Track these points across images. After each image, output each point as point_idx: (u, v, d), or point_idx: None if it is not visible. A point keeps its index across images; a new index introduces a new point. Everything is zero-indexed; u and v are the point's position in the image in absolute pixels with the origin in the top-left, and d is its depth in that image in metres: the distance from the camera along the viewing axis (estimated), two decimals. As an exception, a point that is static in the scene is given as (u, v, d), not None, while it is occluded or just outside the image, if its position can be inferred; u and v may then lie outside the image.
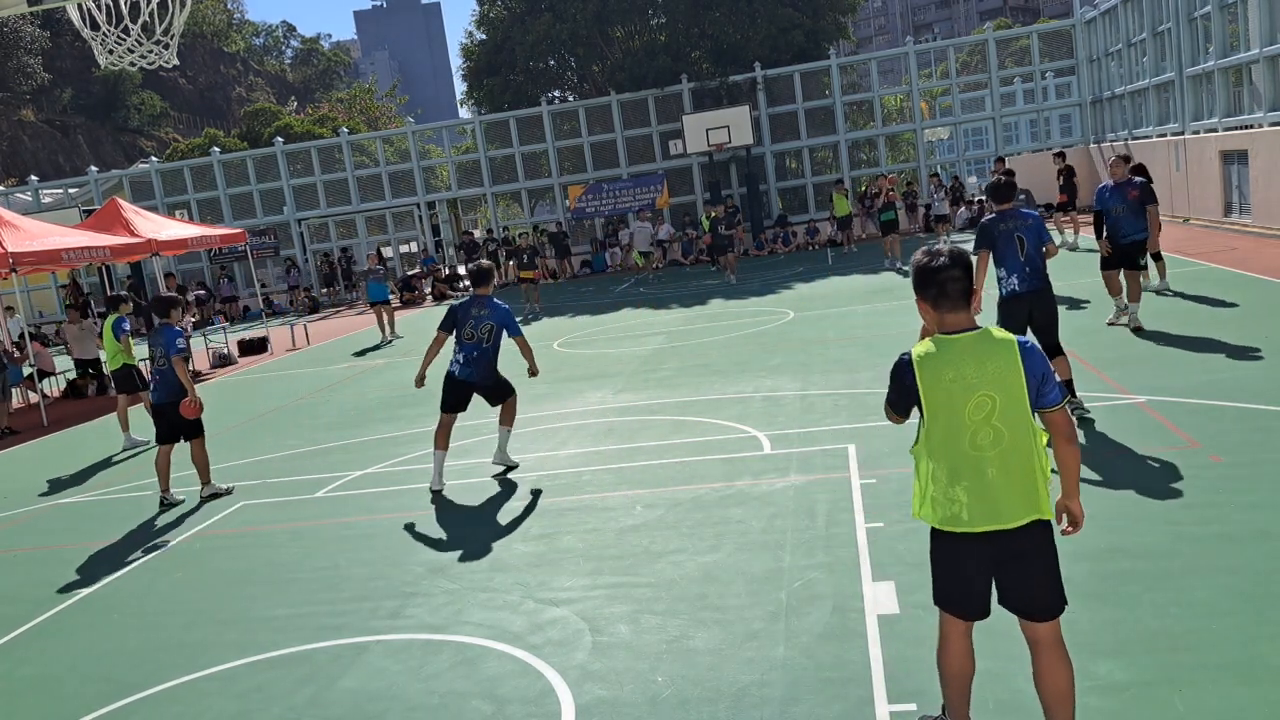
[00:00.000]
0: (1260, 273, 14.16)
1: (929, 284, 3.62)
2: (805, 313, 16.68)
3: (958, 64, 36.72)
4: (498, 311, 8.60)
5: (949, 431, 3.56)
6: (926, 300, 3.65)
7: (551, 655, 5.25)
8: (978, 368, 3.52)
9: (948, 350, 3.57)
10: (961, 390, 3.52)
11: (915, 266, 3.69)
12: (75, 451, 13.07)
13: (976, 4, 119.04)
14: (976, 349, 3.56)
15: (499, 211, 35.39)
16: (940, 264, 3.60)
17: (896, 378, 3.72)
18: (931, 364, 3.57)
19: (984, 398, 3.51)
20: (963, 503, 3.55)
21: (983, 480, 3.52)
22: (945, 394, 3.54)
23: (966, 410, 3.52)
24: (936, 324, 3.66)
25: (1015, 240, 8.14)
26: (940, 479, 3.60)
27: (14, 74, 64.95)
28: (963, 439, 3.53)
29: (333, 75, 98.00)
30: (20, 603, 7.18)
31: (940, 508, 3.62)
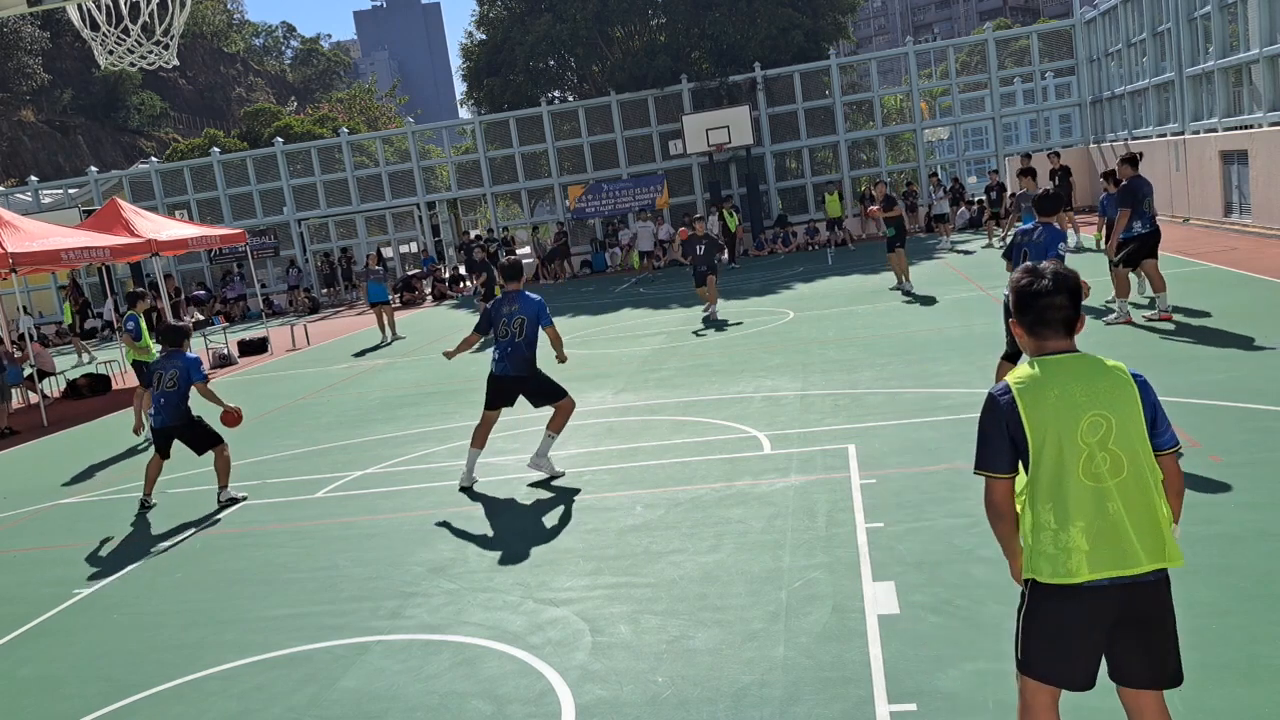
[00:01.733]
0: (1260, 273, 14.17)
1: (1026, 309, 3.21)
2: (805, 313, 16.68)
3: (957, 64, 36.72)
4: (528, 304, 8.53)
5: (1059, 462, 3.06)
6: (1022, 326, 3.25)
7: (551, 655, 5.25)
8: (1087, 386, 3.10)
9: (1051, 370, 3.15)
10: (1070, 410, 3.07)
11: (1014, 288, 3.28)
12: (75, 451, 13.07)
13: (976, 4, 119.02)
14: (1082, 367, 3.15)
15: (499, 212, 35.38)
16: (1041, 288, 3.18)
17: (991, 420, 3.18)
18: (1033, 387, 3.12)
19: (1097, 418, 3.07)
20: (1082, 550, 3.03)
21: (1103, 516, 3.03)
22: (1053, 415, 3.07)
23: (1079, 433, 3.06)
24: (1033, 348, 3.25)
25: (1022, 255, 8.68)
26: (1049, 524, 3.08)
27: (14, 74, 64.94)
28: (1076, 468, 3.05)
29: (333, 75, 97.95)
30: (20, 603, 7.18)
31: (1050, 561, 3.08)
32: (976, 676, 4.48)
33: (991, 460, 3.19)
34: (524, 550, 6.94)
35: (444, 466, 9.55)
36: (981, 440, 3.22)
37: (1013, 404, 3.11)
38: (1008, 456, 3.17)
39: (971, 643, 4.78)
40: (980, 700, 4.29)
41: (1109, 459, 3.05)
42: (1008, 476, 3.19)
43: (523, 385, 8.65)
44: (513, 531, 7.39)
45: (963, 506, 6.60)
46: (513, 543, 7.13)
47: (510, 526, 7.51)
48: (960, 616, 5.07)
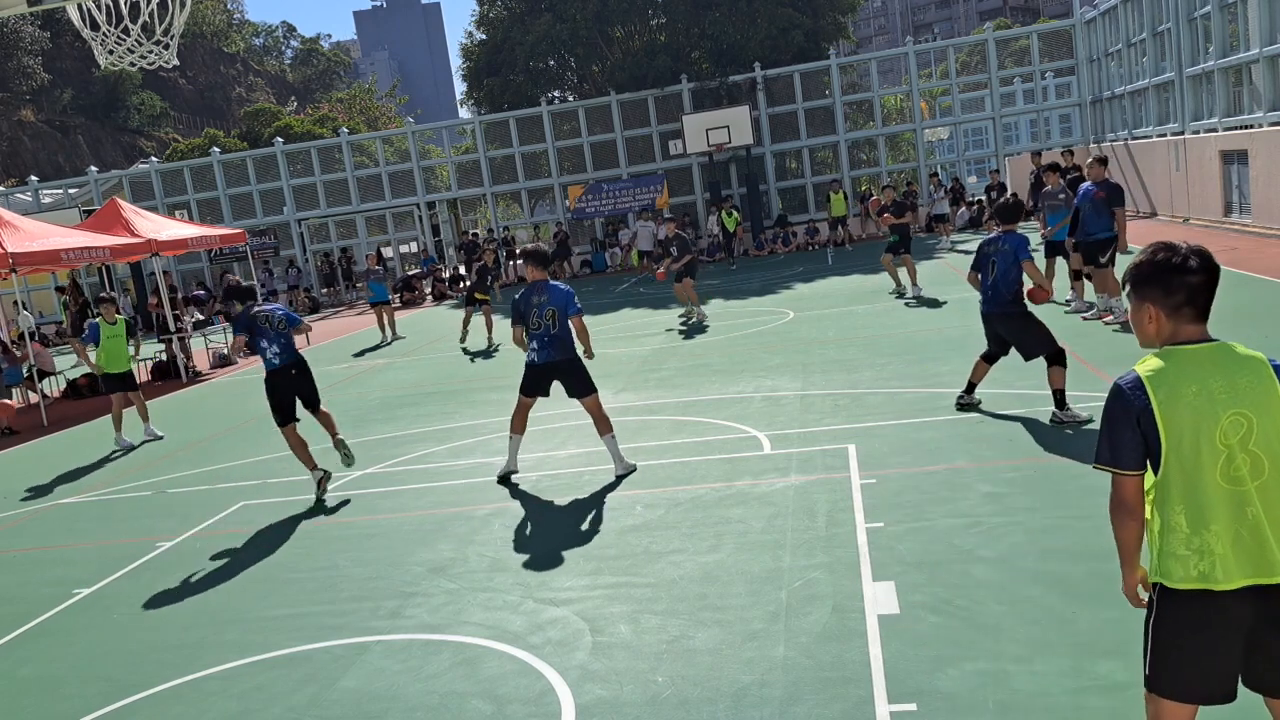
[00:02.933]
0: (1260, 273, 14.16)
1: (1171, 288, 2.93)
2: (805, 313, 16.68)
3: (957, 64, 36.73)
4: (556, 294, 8.44)
5: (1194, 463, 2.86)
6: (1164, 307, 2.95)
7: (551, 655, 5.25)
8: (1227, 382, 2.87)
9: (1186, 362, 2.91)
10: (1209, 408, 2.85)
11: (1149, 264, 2.99)
12: (75, 451, 13.07)
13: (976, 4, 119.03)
14: (1222, 361, 2.91)
15: (499, 211, 35.39)
16: (1188, 264, 2.92)
17: (1119, 411, 2.94)
18: (1168, 379, 2.88)
19: (1237, 417, 2.85)
20: (1215, 554, 2.84)
21: (1242, 520, 2.84)
22: (1190, 413, 2.85)
23: (1217, 433, 2.85)
24: (1165, 336, 2.99)
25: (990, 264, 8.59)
26: (1181, 527, 2.88)
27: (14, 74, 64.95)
28: (1213, 470, 2.85)
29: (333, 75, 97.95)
30: (20, 603, 7.18)
31: (1182, 564, 2.88)
32: (976, 676, 4.48)
33: (1122, 456, 2.95)
34: (524, 550, 6.94)
35: (444, 466, 9.56)
36: (1109, 433, 2.96)
37: (1146, 400, 2.88)
38: (1138, 453, 2.94)
39: (971, 643, 4.78)
40: (980, 700, 4.29)
41: (1249, 460, 2.85)
42: (1137, 474, 2.96)
43: (560, 371, 8.55)
44: (513, 531, 7.39)
45: (963, 506, 6.60)
46: (513, 543, 7.13)
47: (510, 526, 7.51)
48: (960, 616, 5.06)
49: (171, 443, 12.64)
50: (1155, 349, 3.01)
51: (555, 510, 7.76)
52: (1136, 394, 2.91)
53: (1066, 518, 6.17)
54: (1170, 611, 2.93)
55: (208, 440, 12.44)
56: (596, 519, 7.40)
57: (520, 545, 7.06)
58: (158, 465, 11.35)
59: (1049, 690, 4.29)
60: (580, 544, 6.91)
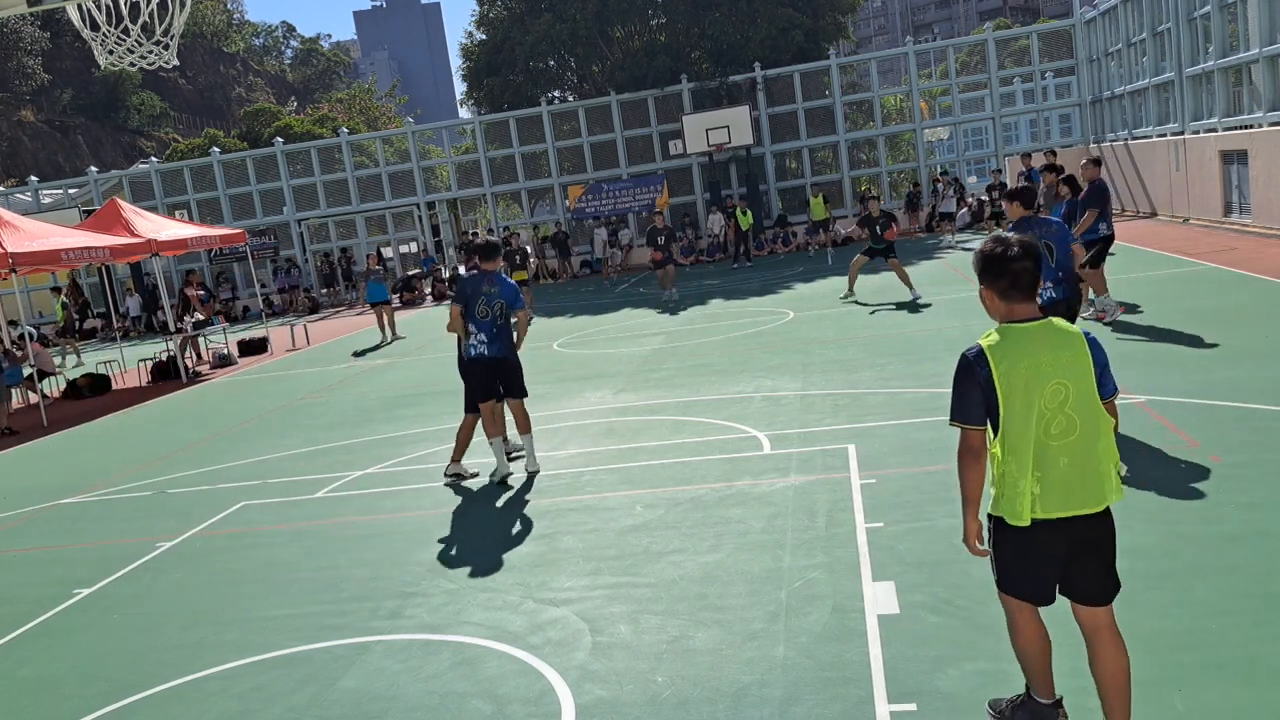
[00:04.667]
0: (1260, 273, 14.16)
1: (1001, 273, 3.60)
2: (805, 313, 16.68)
3: (957, 64, 36.73)
4: (507, 288, 8.52)
5: (1024, 421, 3.52)
6: (995, 290, 3.63)
7: (551, 655, 5.26)
8: (1053, 355, 3.53)
9: (1020, 338, 3.55)
10: (1037, 377, 3.50)
11: (985, 255, 3.64)
12: (75, 451, 13.07)
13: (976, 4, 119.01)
14: (1049, 337, 3.56)
15: (499, 212, 35.38)
16: (1013, 253, 3.58)
17: (966, 376, 3.60)
18: (1005, 352, 3.53)
19: (1059, 385, 3.52)
20: (1036, 495, 3.54)
21: (1056, 469, 3.52)
22: (1023, 381, 3.51)
23: (1042, 399, 3.51)
24: (1003, 314, 3.65)
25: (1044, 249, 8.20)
26: (1012, 473, 3.56)
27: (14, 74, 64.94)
28: (1038, 428, 3.52)
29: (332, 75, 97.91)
30: (20, 603, 7.18)
31: (1012, 503, 3.58)
32: (976, 676, 4.48)
33: (970, 414, 3.60)
34: (524, 550, 6.94)
35: (444, 466, 9.55)
36: (960, 395, 3.61)
37: (989, 369, 3.53)
38: (981, 411, 3.58)
39: (971, 643, 4.78)
40: (980, 700, 4.29)
41: (1064, 421, 3.52)
42: (981, 428, 3.61)
43: (505, 367, 8.62)
44: (513, 531, 7.39)
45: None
46: (513, 543, 7.13)
47: (510, 526, 7.51)
48: (960, 616, 5.07)
49: (171, 443, 12.64)
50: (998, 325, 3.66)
51: (555, 510, 7.76)
52: (980, 364, 3.55)
53: (1066, 518, 6.17)
54: (1007, 537, 3.67)
55: (208, 440, 12.44)
56: (596, 519, 7.40)
57: (520, 545, 7.06)
58: (158, 465, 11.36)
59: (1049, 690, 4.28)
60: (580, 544, 6.91)
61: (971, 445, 3.63)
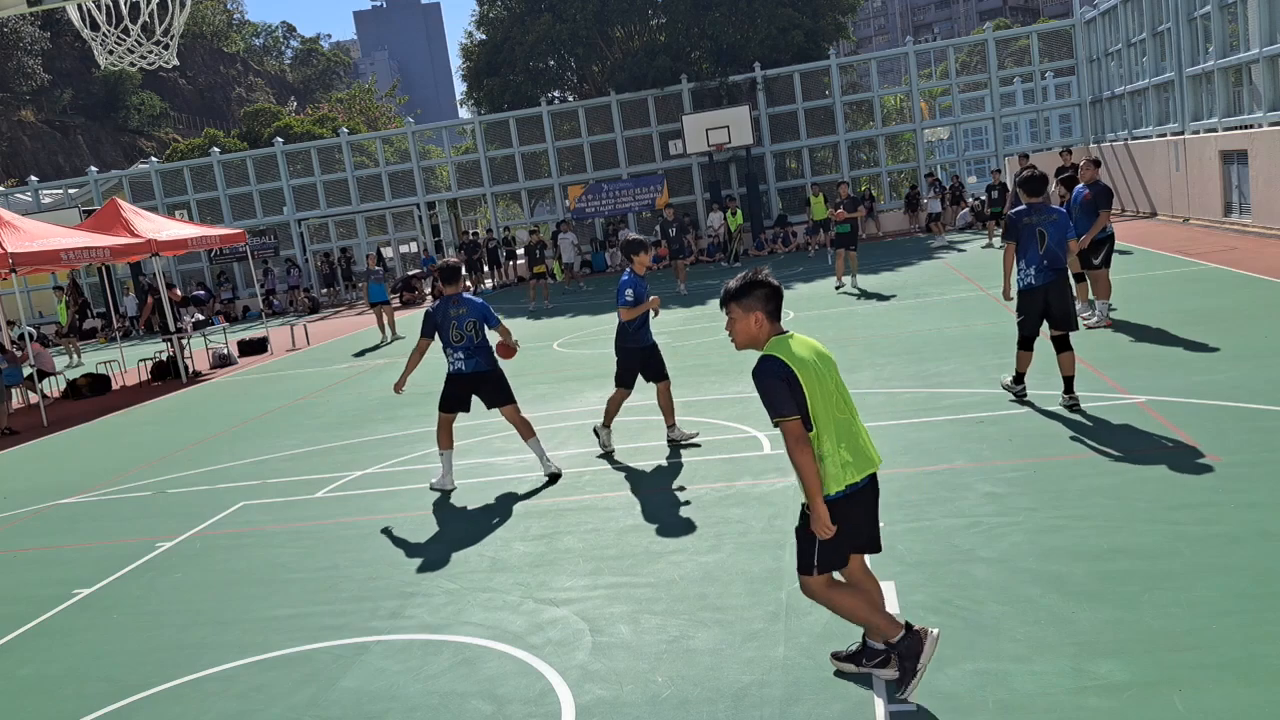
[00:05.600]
0: (1260, 273, 14.16)
1: (770, 296, 4.26)
2: (805, 313, 16.68)
3: (957, 64, 36.74)
4: (474, 307, 8.50)
5: (825, 407, 4.19)
6: (764, 311, 4.26)
7: (551, 655, 5.26)
8: (815, 354, 4.27)
9: (794, 345, 4.23)
10: (819, 370, 4.21)
11: (759, 282, 4.26)
12: (75, 451, 13.07)
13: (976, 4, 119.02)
14: (809, 343, 4.31)
15: (499, 211, 35.38)
16: (773, 280, 4.29)
17: (774, 381, 4.13)
18: (795, 357, 4.16)
19: (829, 373, 4.28)
20: (850, 461, 4.23)
21: (856, 435, 4.29)
22: (815, 376, 4.18)
23: (829, 385, 4.23)
24: (769, 333, 4.27)
25: (1037, 234, 8.53)
26: (832, 451, 4.20)
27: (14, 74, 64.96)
28: (836, 408, 4.23)
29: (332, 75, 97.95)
30: (20, 603, 7.18)
31: (836, 479, 4.20)
32: (976, 676, 4.48)
33: (787, 408, 4.11)
34: (524, 550, 6.94)
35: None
36: (774, 397, 4.12)
37: (791, 371, 4.12)
38: (792, 404, 4.11)
39: (971, 643, 4.78)
40: (980, 700, 4.29)
41: (843, 400, 4.28)
42: (798, 417, 4.13)
43: (485, 381, 8.65)
44: (513, 531, 7.39)
45: (963, 506, 6.60)
46: (513, 543, 7.13)
47: (510, 526, 7.51)
48: (960, 616, 5.07)
49: (171, 443, 12.64)
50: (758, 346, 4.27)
51: (555, 510, 7.76)
52: (783, 368, 4.12)
53: (1066, 518, 6.17)
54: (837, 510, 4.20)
55: (208, 440, 12.44)
56: (596, 519, 7.40)
57: (520, 545, 7.06)
58: (158, 465, 11.36)
59: (1049, 690, 4.29)
60: (580, 544, 6.91)
61: (799, 433, 4.12)
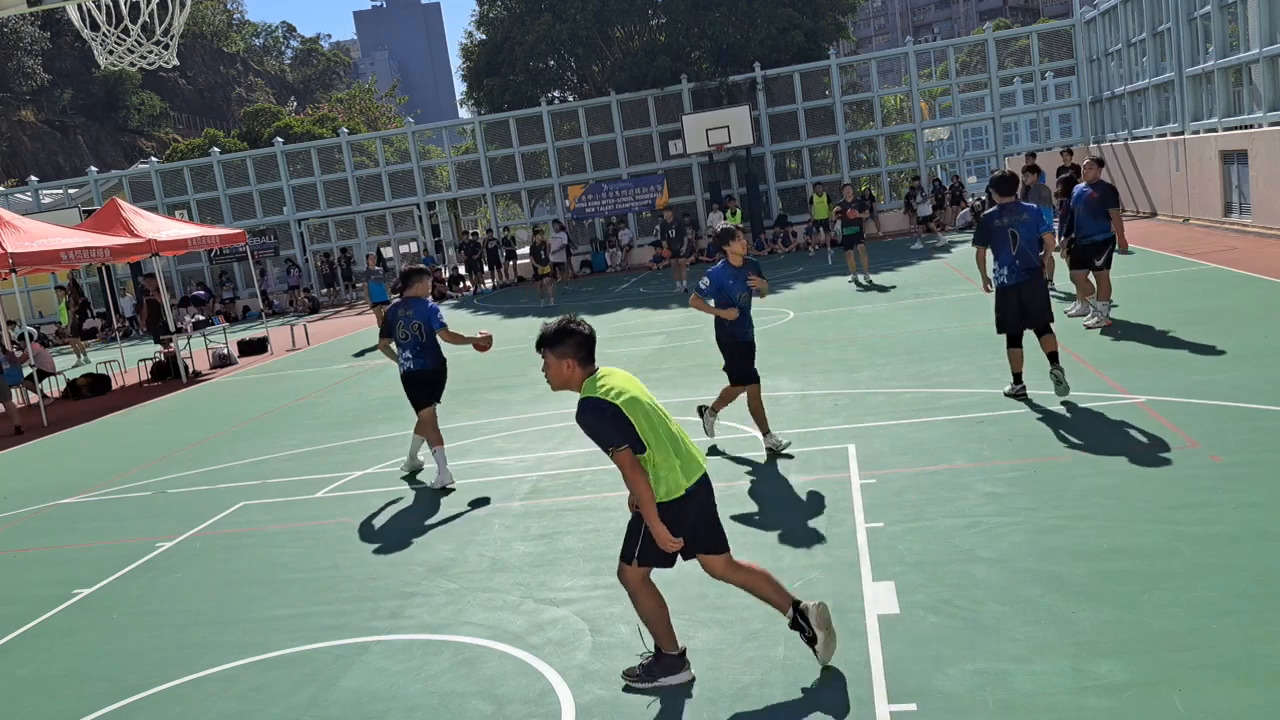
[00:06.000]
0: (1260, 273, 14.16)
1: (583, 344, 4.62)
2: (805, 313, 16.68)
3: (957, 64, 36.73)
4: (420, 310, 9.05)
5: (652, 426, 4.59)
6: (576, 359, 4.61)
7: (551, 655, 5.26)
8: (631, 382, 4.70)
9: (611, 379, 4.62)
10: (641, 397, 4.63)
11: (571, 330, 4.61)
12: (75, 451, 13.08)
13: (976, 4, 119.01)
14: (625, 375, 4.73)
15: (499, 211, 35.38)
16: (585, 328, 4.66)
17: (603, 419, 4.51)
18: (614, 391, 4.56)
19: (644, 394, 4.70)
20: (679, 467, 4.64)
21: (683, 448, 4.70)
22: (635, 402, 4.57)
23: (652, 409, 4.65)
24: (581, 375, 4.63)
25: (1009, 235, 8.77)
26: (665, 462, 4.61)
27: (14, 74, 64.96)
28: (664, 427, 4.65)
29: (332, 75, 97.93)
30: (20, 603, 7.18)
31: (669, 484, 4.62)
32: (976, 676, 4.48)
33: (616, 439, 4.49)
34: (524, 550, 6.94)
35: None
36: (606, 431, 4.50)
37: (614, 407, 4.51)
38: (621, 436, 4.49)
39: (971, 643, 4.79)
40: (980, 700, 4.29)
41: (665, 418, 4.70)
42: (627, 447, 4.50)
43: (430, 378, 9.16)
44: (513, 531, 7.38)
45: (963, 506, 6.60)
46: (513, 543, 7.13)
47: (510, 526, 7.51)
48: (960, 616, 5.07)
49: (171, 443, 12.64)
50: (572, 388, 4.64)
51: (555, 510, 7.76)
52: (604, 405, 4.51)
53: (1066, 518, 6.17)
54: (669, 513, 4.62)
55: (208, 440, 12.44)
56: (596, 519, 7.40)
57: (520, 545, 7.06)
58: (158, 465, 11.36)
59: (1049, 690, 4.29)
60: (580, 544, 6.91)
61: (629, 461, 4.51)
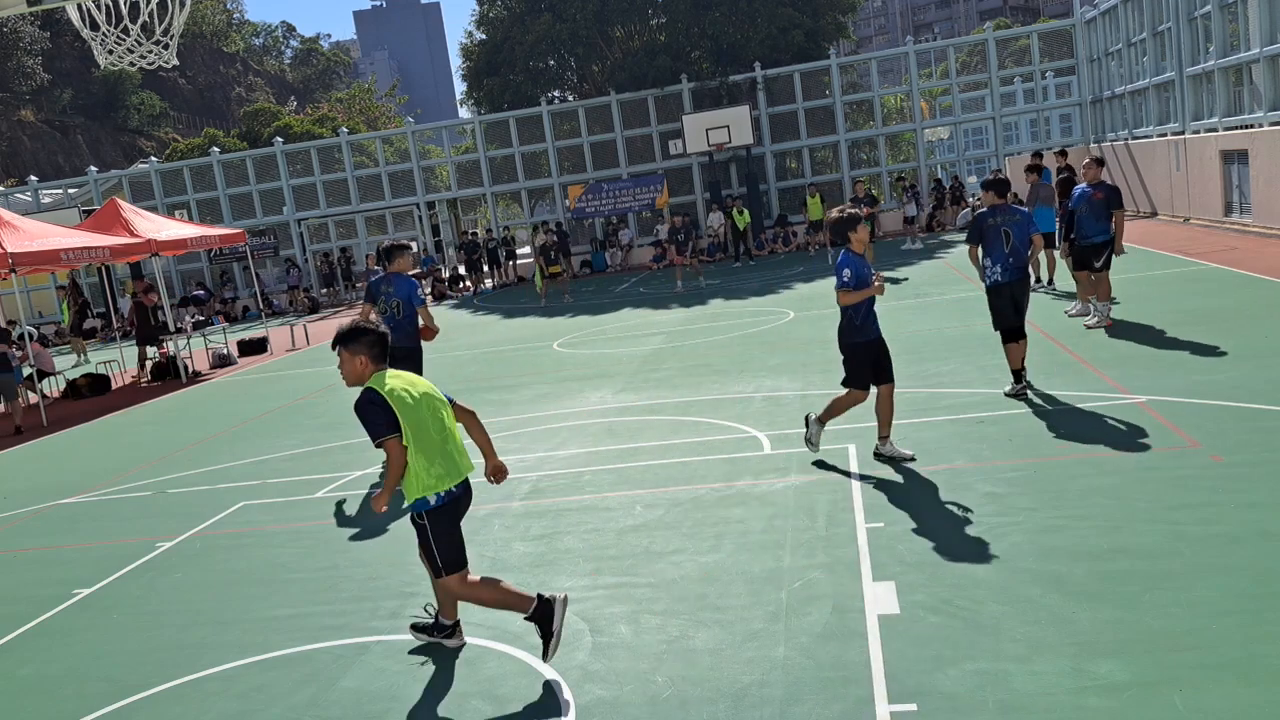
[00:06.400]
0: (1260, 273, 14.16)
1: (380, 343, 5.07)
2: (805, 313, 16.68)
3: (958, 64, 36.72)
4: (401, 286, 9.60)
5: (423, 430, 4.93)
6: (369, 355, 5.03)
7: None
8: (411, 384, 5.06)
9: (390, 379, 5.01)
10: (415, 398, 4.98)
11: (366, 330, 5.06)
12: (75, 451, 13.08)
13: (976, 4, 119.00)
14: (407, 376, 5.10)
15: (499, 211, 35.38)
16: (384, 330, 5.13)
17: (374, 409, 4.90)
18: (393, 390, 4.94)
19: (432, 402, 5.07)
20: (443, 474, 4.99)
21: (449, 455, 5.04)
22: (410, 402, 4.94)
23: (424, 413, 4.97)
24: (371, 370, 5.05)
25: (1002, 234, 9.06)
26: (424, 465, 4.94)
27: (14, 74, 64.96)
28: (434, 432, 4.99)
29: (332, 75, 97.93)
30: (20, 603, 7.17)
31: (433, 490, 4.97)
32: (976, 676, 4.48)
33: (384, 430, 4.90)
34: (524, 550, 6.94)
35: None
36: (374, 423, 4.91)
37: (386, 403, 4.89)
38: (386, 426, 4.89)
39: (971, 643, 4.79)
40: (980, 700, 4.29)
41: (438, 424, 5.03)
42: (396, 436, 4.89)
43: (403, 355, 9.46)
44: (513, 531, 7.38)
45: (963, 506, 6.60)
46: (513, 543, 7.13)
47: (510, 526, 7.51)
48: (960, 616, 5.07)
49: (171, 443, 12.64)
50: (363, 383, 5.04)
51: (555, 510, 7.76)
52: (377, 396, 4.91)
53: (1066, 518, 6.17)
54: (439, 521, 5.03)
55: (207, 440, 12.44)
56: (596, 519, 7.40)
57: (520, 545, 7.06)
58: (158, 465, 11.36)
59: (1049, 690, 4.29)
60: (580, 544, 6.91)
61: (394, 450, 4.89)
